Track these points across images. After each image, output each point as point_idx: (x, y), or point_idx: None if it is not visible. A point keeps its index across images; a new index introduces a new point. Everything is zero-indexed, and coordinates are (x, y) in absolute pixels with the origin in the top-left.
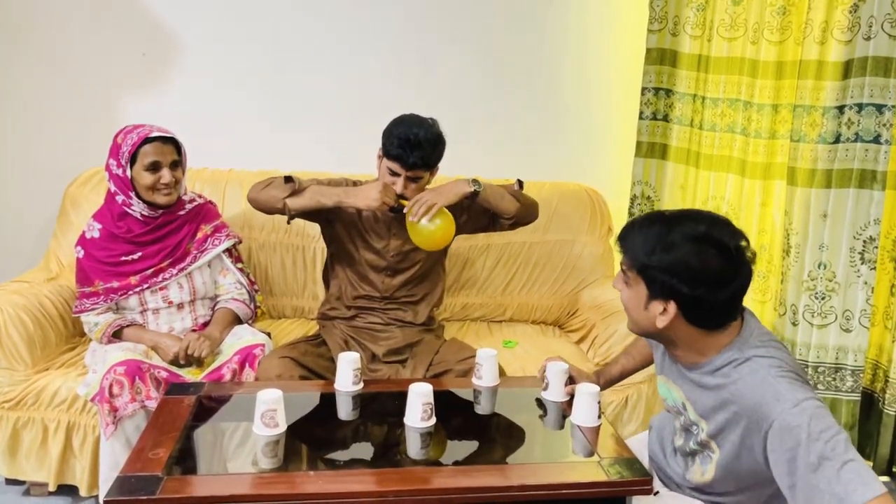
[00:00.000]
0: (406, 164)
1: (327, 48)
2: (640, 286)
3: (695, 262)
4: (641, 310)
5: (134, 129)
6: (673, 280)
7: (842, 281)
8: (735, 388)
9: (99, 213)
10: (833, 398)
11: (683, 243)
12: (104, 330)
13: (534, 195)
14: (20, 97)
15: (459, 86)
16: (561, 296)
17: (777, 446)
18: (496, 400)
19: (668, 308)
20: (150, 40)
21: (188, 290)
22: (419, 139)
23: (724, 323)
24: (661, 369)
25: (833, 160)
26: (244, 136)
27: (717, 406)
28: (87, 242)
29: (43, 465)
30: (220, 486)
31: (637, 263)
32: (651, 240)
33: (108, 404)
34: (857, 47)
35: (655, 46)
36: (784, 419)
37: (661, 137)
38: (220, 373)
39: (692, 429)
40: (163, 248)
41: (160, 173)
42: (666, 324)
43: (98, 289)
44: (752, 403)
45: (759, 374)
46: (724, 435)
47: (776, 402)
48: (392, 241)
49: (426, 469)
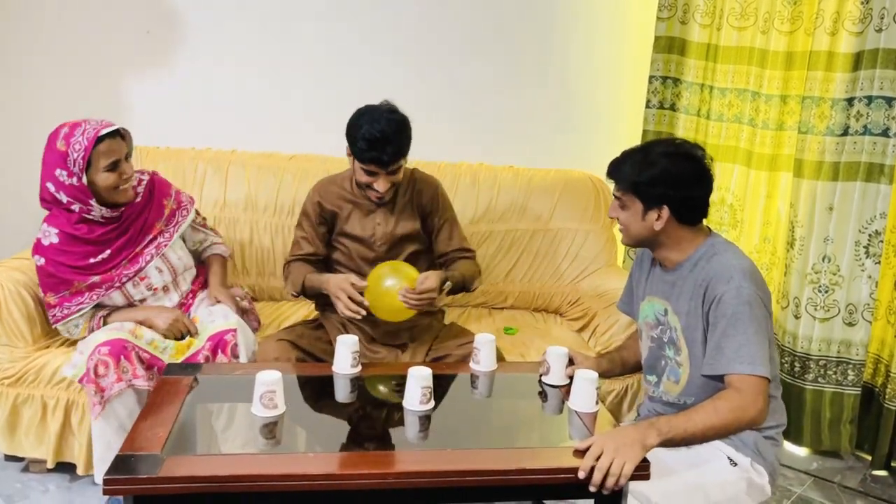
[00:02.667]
0: (383, 164)
1: (333, 29)
2: (636, 203)
3: (674, 170)
4: (640, 222)
5: (74, 130)
6: (661, 188)
7: (846, 274)
8: (705, 273)
9: (52, 217)
10: (833, 391)
11: (660, 159)
12: (88, 325)
13: (538, 183)
14: (21, 74)
15: (465, 73)
16: (563, 284)
17: (713, 315)
18: (494, 385)
19: (662, 213)
20: (155, 18)
21: (167, 271)
22: (386, 135)
23: (701, 218)
24: (644, 292)
25: (841, 153)
26: (248, 116)
27: (691, 294)
28: (45, 249)
29: (42, 442)
30: (220, 466)
31: (629, 184)
32: (636, 164)
33: (94, 385)
34: (868, 39)
35: (664, 34)
36: (725, 297)
37: (667, 127)
38: (195, 359)
39: (666, 334)
40: (130, 238)
41: (121, 169)
42: (661, 227)
43: (80, 287)
44: (711, 283)
45: (722, 261)
46: (690, 322)
47: (727, 283)
48: (378, 229)
49: (425, 452)
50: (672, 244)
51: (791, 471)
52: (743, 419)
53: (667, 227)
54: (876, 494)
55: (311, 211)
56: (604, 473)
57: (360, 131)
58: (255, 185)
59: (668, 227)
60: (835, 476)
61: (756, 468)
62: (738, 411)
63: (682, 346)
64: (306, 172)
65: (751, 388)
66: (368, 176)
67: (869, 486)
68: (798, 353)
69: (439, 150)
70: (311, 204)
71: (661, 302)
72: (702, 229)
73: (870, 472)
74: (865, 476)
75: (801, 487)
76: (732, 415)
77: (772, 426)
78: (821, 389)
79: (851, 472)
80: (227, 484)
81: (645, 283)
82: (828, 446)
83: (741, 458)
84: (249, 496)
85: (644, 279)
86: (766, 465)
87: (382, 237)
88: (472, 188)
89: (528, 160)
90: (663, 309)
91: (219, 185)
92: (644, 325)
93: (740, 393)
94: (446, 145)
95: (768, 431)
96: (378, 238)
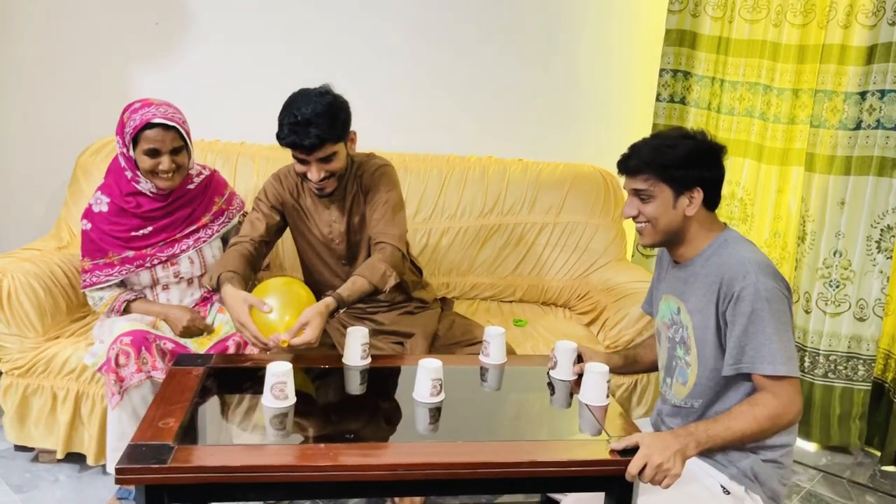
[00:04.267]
0: (304, 149)
1: (340, 23)
2: (664, 191)
3: (699, 148)
4: (670, 210)
5: (140, 109)
6: (696, 169)
7: (857, 269)
8: (717, 268)
9: (105, 186)
10: (843, 387)
11: (679, 140)
12: (110, 304)
13: (548, 176)
14: (32, 65)
15: (474, 64)
16: (572, 277)
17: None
18: (504, 378)
19: (695, 196)
20: (164, 9)
21: (199, 264)
22: (308, 117)
23: (720, 199)
24: (661, 291)
25: (853, 147)
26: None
27: (704, 291)
28: (94, 216)
29: (51, 432)
30: (231, 457)
31: (657, 171)
32: (656, 149)
33: (114, 374)
34: (881, 32)
35: (675, 27)
36: (743, 293)
37: (677, 120)
38: (224, 345)
39: (678, 334)
40: (174, 221)
41: (159, 159)
42: (695, 211)
43: (113, 259)
44: (725, 278)
45: (736, 255)
46: (702, 320)
47: (743, 279)
48: (334, 227)
49: (435, 444)
50: (692, 235)
51: (800, 466)
52: (780, 424)
53: (697, 214)
54: (885, 490)
55: (271, 192)
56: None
57: (283, 114)
58: (263, 177)
59: (698, 214)
60: (844, 472)
61: (752, 496)
62: (776, 418)
63: (691, 345)
64: None
65: (786, 392)
66: (300, 164)
67: (878, 481)
68: (808, 349)
69: (448, 142)
70: (271, 185)
71: (676, 300)
72: (717, 222)
73: (879, 468)
74: (875, 472)
75: (811, 483)
76: (770, 421)
77: (775, 446)
78: (831, 385)
79: (861, 467)
80: (237, 474)
81: (661, 281)
82: (837, 442)
83: (735, 486)
84: (259, 486)
85: (661, 277)
86: (764, 490)
87: (339, 236)
88: (481, 181)
89: (538, 153)
90: (677, 307)
91: (227, 177)
92: (662, 326)
93: (777, 398)
94: (455, 138)
95: (769, 453)
96: (335, 237)
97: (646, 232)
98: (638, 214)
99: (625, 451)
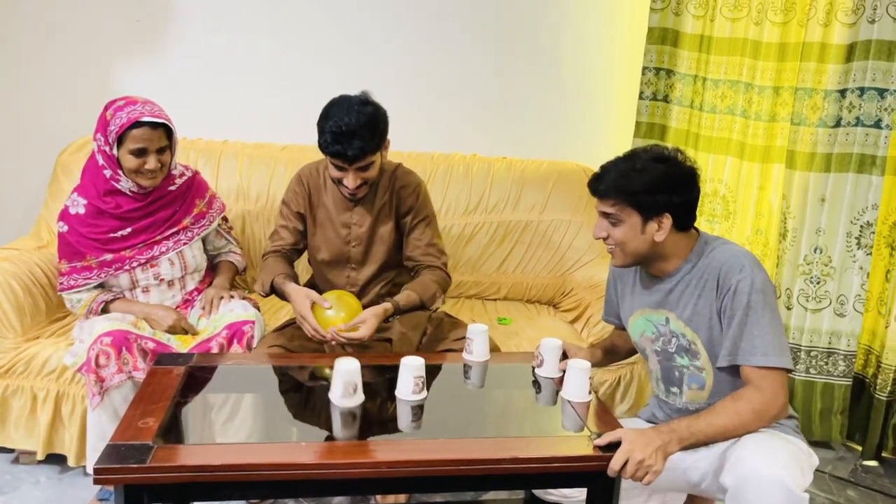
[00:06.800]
0: (348, 160)
1: (325, 20)
2: (633, 216)
3: (672, 174)
4: (639, 235)
5: (125, 106)
6: (664, 195)
7: (837, 266)
8: (710, 266)
9: (81, 188)
10: (825, 382)
11: (650, 164)
12: (89, 305)
13: (532, 174)
14: (11, 62)
15: (458, 63)
16: (556, 275)
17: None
18: (487, 375)
19: (664, 222)
20: (146, 6)
21: (179, 266)
22: (352, 128)
23: (694, 220)
24: (632, 308)
25: (833, 144)
26: (239, 106)
27: (699, 292)
28: (71, 218)
29: (32, 433)
30: (211, 456)
31: (625, 196)
32: (625, 174)
33: (94, 375)
34: (861, 30)
35: (657, 26)
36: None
37: (660, 118)
38: (207, 345)
39: (672, 343)
40: (154, 223)
41: (146, 158)
42: (664, 237)
43: (91, 263)
44: (721, 272)
45: (727, 251)
46: (702, 322)
47: (739, 272)
48: (353, 229)
49: (418, 441)
50: (668, 254)
51: None
52: (765, 418)
53: (667, 238)
54: (866, 485)
55: (293, 199)
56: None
57: (327, 122)
58: (246, 176)
59: (668, 237)
60: (826, 466)
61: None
62: (759, 413)
63: (699, 350)
64: (299, 163)
65: (770, 385)
66: (337, 171)
67: (860, 476)
68: (790, 345)
69: (432, 140)
70: (293, 191)
71: (660, 313)
72: (691, 232)
73: (860, 463)
74: (856, 466)
75: None
76: (754, 416)
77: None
78: (812, 381)
79: (842, 462)
80: (217, 473)
81: (631, 297)
82: (819, 437)
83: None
84: (240, 485)
85: (629, 294)
86: None
87: (356, 238)
88: (465, 179)
89: (522, 151)
90: (664, 319)
91: (210, 175)
92: (643, 341)
93: (761, 392)
94: (439, 136)
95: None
96: (353, 239)
97: (616, 254)
98: (607, 237)
99: (607, 447)
